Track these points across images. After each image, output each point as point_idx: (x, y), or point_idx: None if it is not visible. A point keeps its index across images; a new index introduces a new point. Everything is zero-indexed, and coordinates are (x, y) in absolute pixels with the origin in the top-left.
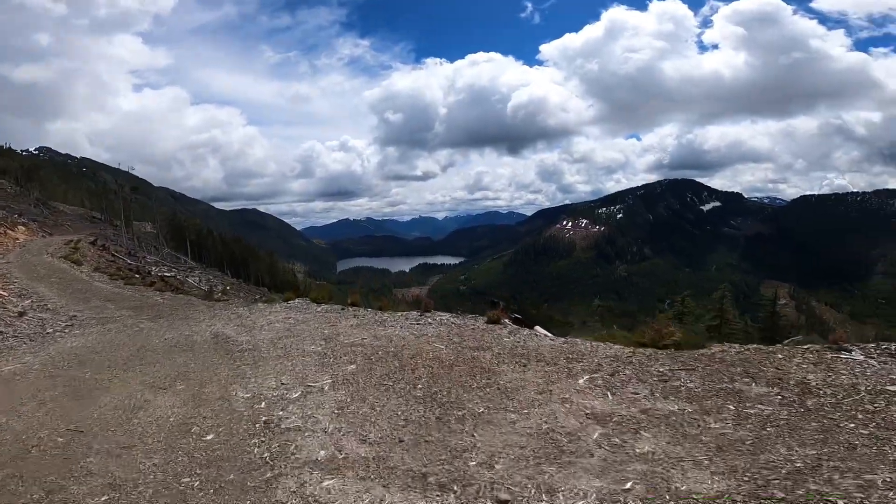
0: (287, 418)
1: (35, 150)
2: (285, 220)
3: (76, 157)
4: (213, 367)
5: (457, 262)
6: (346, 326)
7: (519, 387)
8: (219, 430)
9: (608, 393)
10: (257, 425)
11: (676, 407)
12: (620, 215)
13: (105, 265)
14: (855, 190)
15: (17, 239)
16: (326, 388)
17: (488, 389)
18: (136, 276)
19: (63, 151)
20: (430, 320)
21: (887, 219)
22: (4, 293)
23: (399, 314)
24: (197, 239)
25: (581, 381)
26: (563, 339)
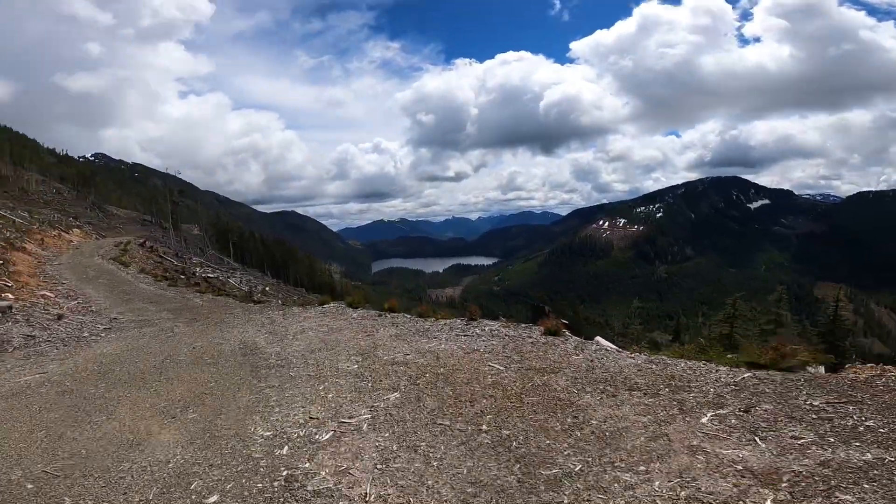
0: (315, 475)
1: (91, 156)
2: (322, 222)
3: (129, 163)
4: (235, 388)
5: (490, 262)
6: (384, 337)
7: (620, 429)
8: (226, 487)
9: (755, 438)
10: (276, 483)
11: (870, 456)
12: (660, 214)
13: (152, 266)
14: None
15: (72, 241)
16: (365, 426)
17: (578, 433)
18: (182, 276)
19: (117, 157)
20: (477, 331)
21: None
22: (51, 294)
23: (442, 322)
24: (239, 241)
25: (705, 419)
26: (644, 356)
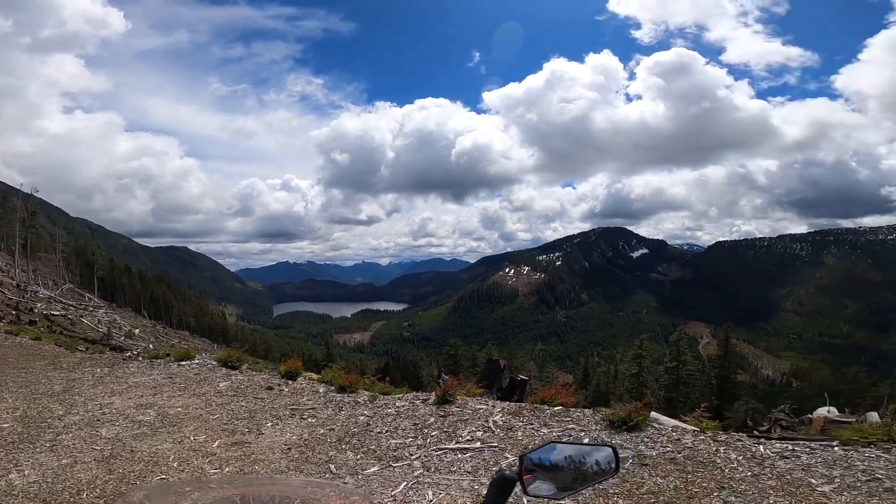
0: None
1: None
2: (219, 261)
3: None
4: None
5: (400, 308)
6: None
7: None
8: None
9: None
10: None
11: None
12: (559, 262)
13: None
14: (760, 235)
15: None
16: None
17: None
18: (13, 312)
19: None
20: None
21: (790, 261)
22: None
23: (393, 407)
24: (110, 275)
25: None
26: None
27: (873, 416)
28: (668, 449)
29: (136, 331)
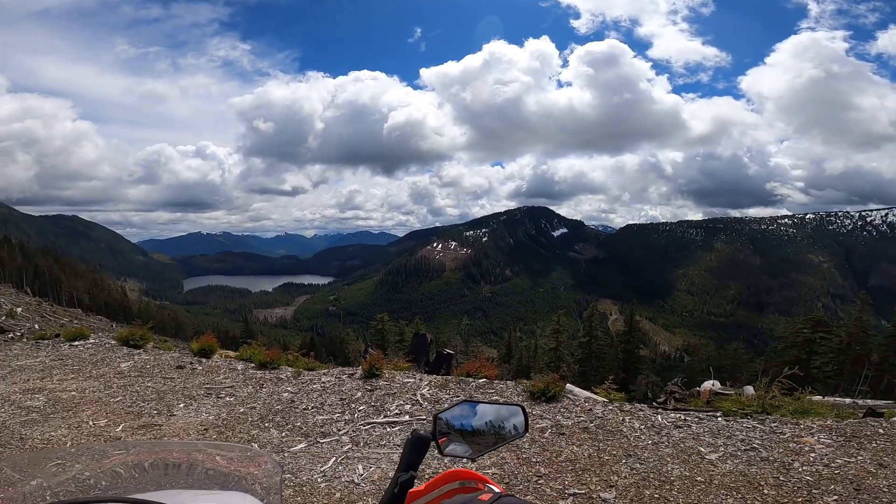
0: None
1: None
2: (117, 231)
3: None
4: None
5: (326, 281)
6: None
7: None
8: None
9: None
10: None
11: None
12: (486, 238)
13: None
14: (664, 220)
15: None
16: None
17: None
18: None
19: None
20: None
21: (687, 245)
22: None
23: (316, 381)
24: None
25: None
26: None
27: (749, 390)
28: (582, 419)
29: (19, 309)
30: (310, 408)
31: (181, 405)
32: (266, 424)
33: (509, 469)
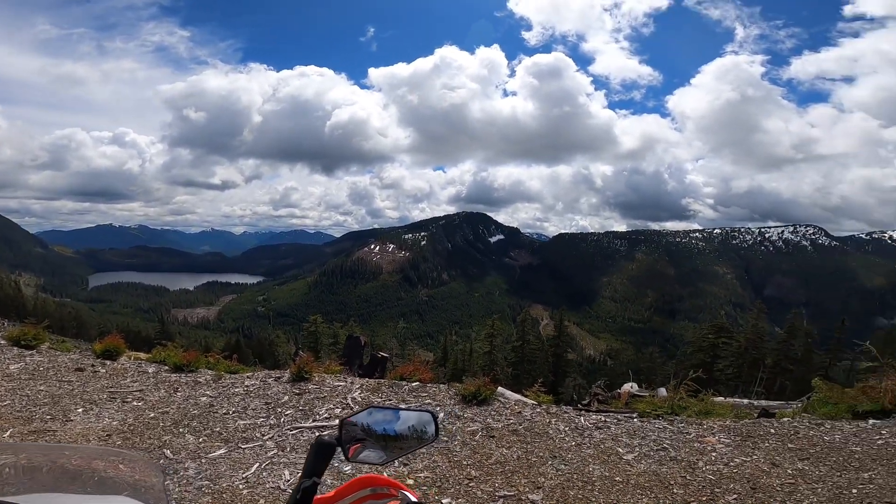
0: None
1: None
2: (13, 220)
3: None
4: None
5: (255, 281)
6: None
7: None
8: None
9: None
10: None
11: None
12: (424, 242)
13: None
14: (592, 230)
15: None
16: None
17: None
18: None
19: None
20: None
21: (612, 254)
22: None
23: (239, 385)
24: None
25: None
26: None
27: (662, 391)
28: (512, 421)
29: None
30: (231, 412)
31: (79, 410)
32: (181, 430)
33: (441, 472)
